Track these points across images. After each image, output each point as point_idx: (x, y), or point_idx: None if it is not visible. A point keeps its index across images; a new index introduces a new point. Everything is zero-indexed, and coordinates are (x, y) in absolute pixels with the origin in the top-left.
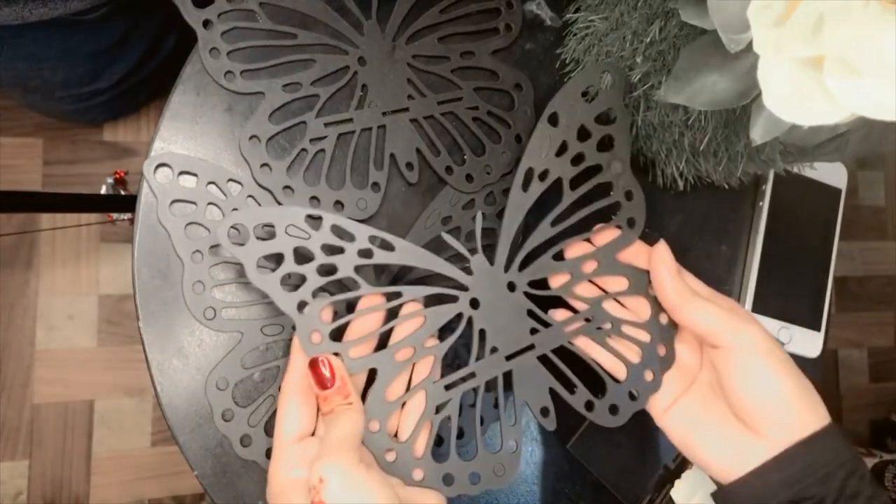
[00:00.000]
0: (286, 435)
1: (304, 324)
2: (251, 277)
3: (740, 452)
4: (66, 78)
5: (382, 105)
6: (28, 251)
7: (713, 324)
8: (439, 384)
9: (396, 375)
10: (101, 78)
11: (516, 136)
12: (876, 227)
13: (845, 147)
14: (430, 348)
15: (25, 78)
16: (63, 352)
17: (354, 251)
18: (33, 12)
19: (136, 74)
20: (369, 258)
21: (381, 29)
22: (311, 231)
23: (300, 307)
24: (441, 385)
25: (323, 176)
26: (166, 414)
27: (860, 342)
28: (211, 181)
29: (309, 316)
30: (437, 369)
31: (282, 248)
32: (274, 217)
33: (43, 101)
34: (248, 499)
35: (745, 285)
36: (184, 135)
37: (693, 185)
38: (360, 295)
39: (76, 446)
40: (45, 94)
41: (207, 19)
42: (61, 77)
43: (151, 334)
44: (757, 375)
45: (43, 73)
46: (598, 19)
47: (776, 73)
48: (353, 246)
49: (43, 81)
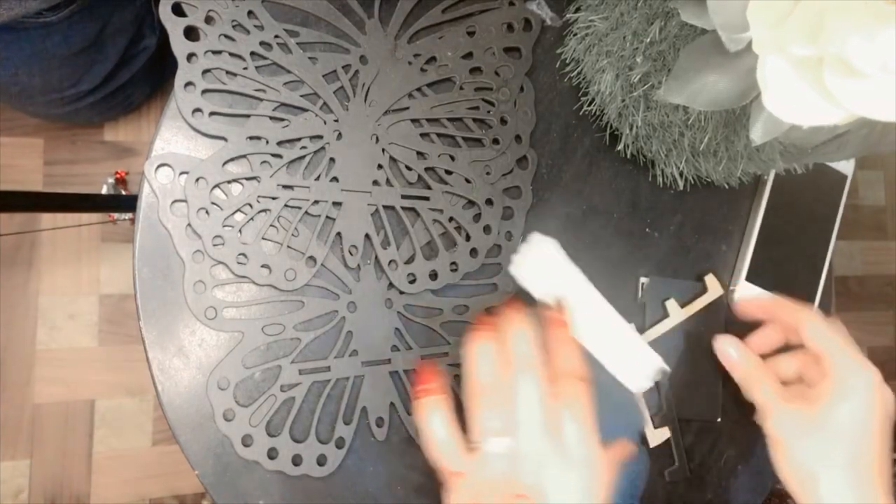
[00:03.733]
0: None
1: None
2: None
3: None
4: (44, 82)
5: (381, 105)
6: (29, 251)
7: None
8: (294, 367)
9: (257, 345)
10: (82, 80)
11: (516, 136)
12: (876, 226)
13: (845, 147)
14: (297, 333)
15: (6, 83)
16: (64, 351)
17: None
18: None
19: (121, 74)
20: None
21: (384, 28)
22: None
23: None
24: (296, 368)
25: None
26: (167, 413)
27: (860, 342)
28: (213, 189)
29: None
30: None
31: None
32: None
33: (30, 105)
34: (249, 498)
35: (742, 254)
36: (185, 135)
37: (693, 185)
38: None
39: (77, 446)
40: (28, 99)
41: (193, 52)
42: (39, 82)
43: (152, 334)
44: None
45: (20, 78)
46: (598, 19)
47: (776, 73)
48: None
49: (22, 87)
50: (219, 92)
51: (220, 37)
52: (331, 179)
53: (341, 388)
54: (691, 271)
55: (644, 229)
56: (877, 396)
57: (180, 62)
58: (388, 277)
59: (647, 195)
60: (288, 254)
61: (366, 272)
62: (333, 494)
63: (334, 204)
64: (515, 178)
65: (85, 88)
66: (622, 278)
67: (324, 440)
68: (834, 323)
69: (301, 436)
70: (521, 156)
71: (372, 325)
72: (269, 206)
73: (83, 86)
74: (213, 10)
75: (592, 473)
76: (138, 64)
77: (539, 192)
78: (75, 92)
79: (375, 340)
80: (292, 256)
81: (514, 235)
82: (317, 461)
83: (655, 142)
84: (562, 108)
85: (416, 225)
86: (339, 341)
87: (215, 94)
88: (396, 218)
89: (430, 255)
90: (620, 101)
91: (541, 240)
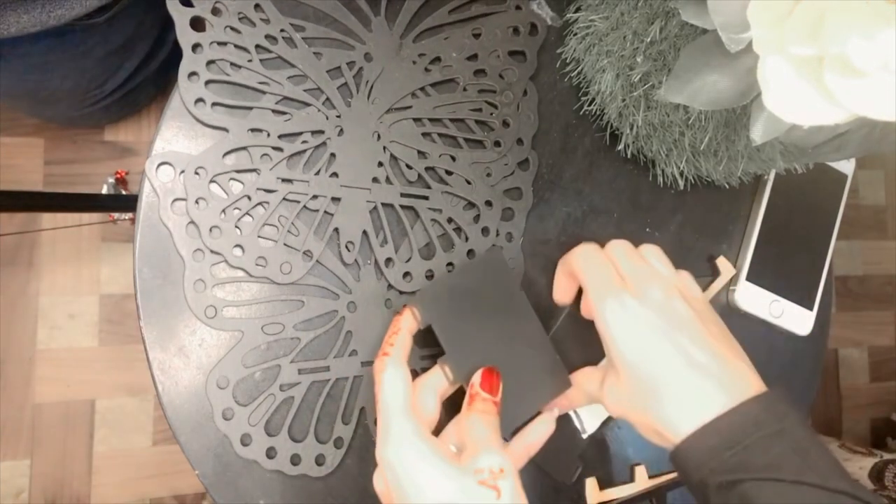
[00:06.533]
0: (404, 398)
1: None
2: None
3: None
4: (75, 84)
5: (384, 102)
6: (29, 251)
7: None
8: (293, 366)
9: (257, 344)
10: (108, 81)
11: (518, 139)
12: (876, 226)
13: (845, 147)
14: (297, 332)
15: (34, 89)
16: (64, 351)
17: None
18: (51, 14)
19: (139, 75)
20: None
21: (389, 26)
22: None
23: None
24: (295, 368)
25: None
26: (167, 413)
27: (860, 341)
28: (213, 180)
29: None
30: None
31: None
32: None
33: (49, 110)
34: (249, 498)
35: (743, 253)
36: (186, 133)
37: (693, 185)
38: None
39: (77, 445)
40: (52, 103)
41: (198, 43)
42: (70, 84)
43: (152, 333)
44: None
45: (52, 82)
46: (598, 19)
47: (776, 73)
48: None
49: (52, 91)
50: (222, 83)
51: (226, 28)
52: (330, 175)
53: (340, 387)
54: (691, 271)
55: (644, 229)
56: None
57: (185, 52)
58: (385, 276)
59: (647, 195)
60: (284, 247)
61: (366, 272)
62: (334, 494)
63: (333, 199)
64: (516, 179)
65: (109, 88)
66: None
67: (322, 440)
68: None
69: (300, 435)
70: (522, 158)
71: (372, 326)
72: (268, 198)
73: (108, 86)
74: (220, 1)
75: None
76: (155, 65)
77: (539, 192)
78: (99, 93)
79: (375, 341)
80: (289, 250)
81: (514, 237)
82: (315, 461)
83: (656, 141)
84: (562, 107)
85: (415, 225)
86: (338, 341)
87: (218, 86)
88: (395, 216)
89: (428, 255)
90: (621, 100)
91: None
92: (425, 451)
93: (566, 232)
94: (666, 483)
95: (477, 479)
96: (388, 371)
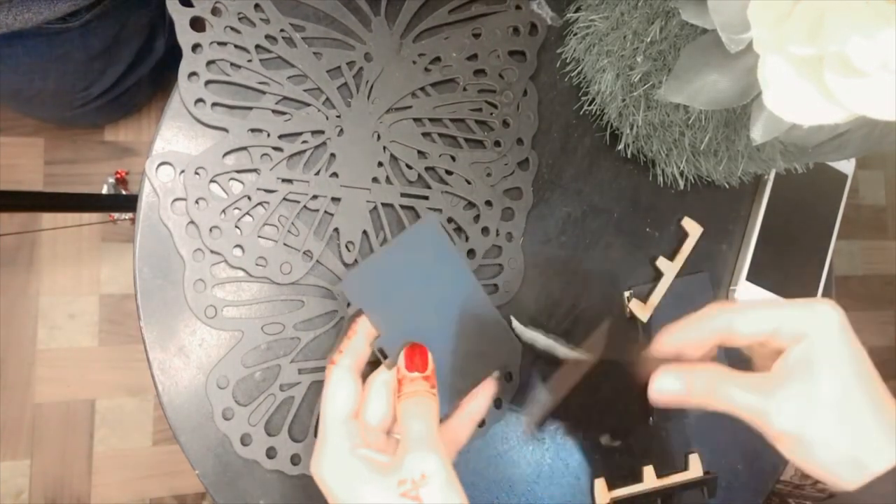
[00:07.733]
0: (342, 410)
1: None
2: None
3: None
4: (58, 86)
5: (384, 102)
6: (29, 251)
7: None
8: (293, 366)
9: (257, 344)
10: (94, 84)
11: (518, 139)
12: (876, 226)
13: (845, 147)
14: (297, 332)
15: (19, 89)
16: (64, 351)
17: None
18: (17, 18)
19: (129, 78)
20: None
21: (389, 26)
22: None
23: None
24: (295, 367)
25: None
26: (167, 413)
27: (860, 342)
28: (213, 180)
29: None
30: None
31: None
32: None
33: (38, 109)
34: (249, 497)
35: (743, 253)
36: (185, 133)
37: (693, 185)
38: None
39: (77, 445)
40: (39, 103)
41: (198, 43)
42: (53, 86)
43: (153, 333)
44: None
45: (35, 83)
46: (598, 19)
47: (776, 72)
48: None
49: (36, 91)
50: (222, 83)
51: (226, 28)
52: (330, 175)
53: None
54: (692, 270)
55: (644, 229)
56: (833, 324)
57: (185, 52)
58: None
59: (647, 195)
60: (284, 247)
61: None
62: None
63: (333, 199)
64: (516, 179)
65: (95, 92)
66: (622, 278)
67: None
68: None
69: (300, 435)
70: (522, 158)
71: None
72: (268, 199)
73: (94, 89)
74: (220, 1)
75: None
76: (146, 68)
77: (539, 192)
78: (86, 95)
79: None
80: (289, 250)
81: (514, 237)
82: None
83: (656, 141)
84: (562, 107)
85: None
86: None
87: (218, 86)
88: (395, 216)
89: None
90: (621, 100)
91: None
92: (357, 468)
93: (566, 232)
94: (674, 484)
95: (399, 492)
96: (332, 380)
